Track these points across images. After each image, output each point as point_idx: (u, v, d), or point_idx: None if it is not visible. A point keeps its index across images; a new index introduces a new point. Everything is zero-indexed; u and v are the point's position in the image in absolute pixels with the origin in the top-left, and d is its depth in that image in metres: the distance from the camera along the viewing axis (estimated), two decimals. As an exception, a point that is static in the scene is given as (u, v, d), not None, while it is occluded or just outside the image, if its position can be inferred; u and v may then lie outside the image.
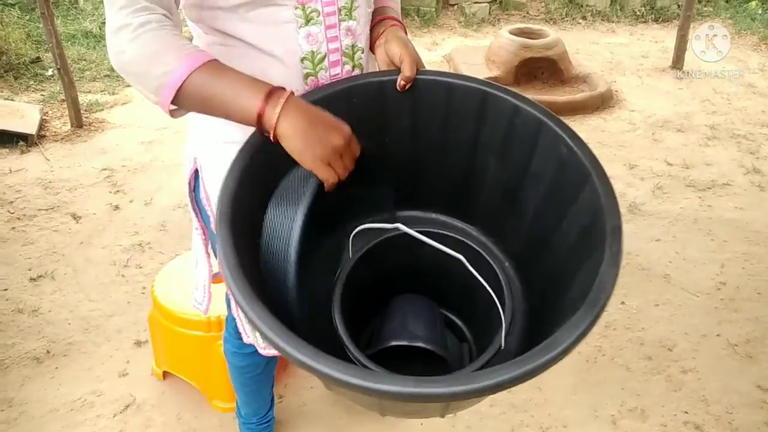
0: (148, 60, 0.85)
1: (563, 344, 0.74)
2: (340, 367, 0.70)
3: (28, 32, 4.48)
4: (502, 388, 0.73)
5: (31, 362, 1.96)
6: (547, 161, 1.00)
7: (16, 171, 3.04)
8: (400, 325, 1.00)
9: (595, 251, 0.86)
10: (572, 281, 0.92)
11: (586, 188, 0.93)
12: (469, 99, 1.03)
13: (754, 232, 2.64)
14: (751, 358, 2.00)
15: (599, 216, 0.89)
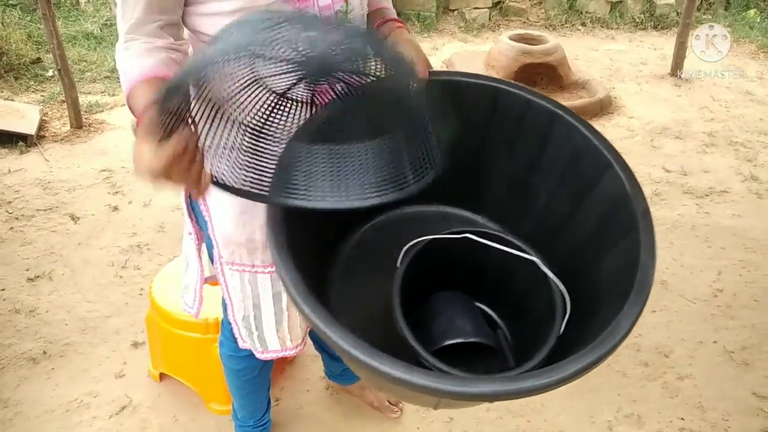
0: (121, 78, 0.93)
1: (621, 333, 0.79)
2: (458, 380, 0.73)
3: (29, 33, 4.48)
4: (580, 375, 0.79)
5: (27, 363, 1.96)
6: (561, 151, 1.02)
7: (15, 171, 3.04)
8: (450, 323, 1.01)
9: (624, 237, 0.89)
10: (599, 266, 0.95)
11: (606, 175, 0.96)
12: (481, 96, 1.05)
13: (751, 239, 2.65)
14: (747, 365, 2.01)
15: (625, 202, 0.92)
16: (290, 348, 1.27)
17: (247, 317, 1.23)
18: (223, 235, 1.13)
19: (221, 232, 1.13)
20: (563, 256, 1.03)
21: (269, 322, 1.23)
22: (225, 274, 1.19)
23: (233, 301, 1.22)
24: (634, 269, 0.85)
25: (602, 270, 0.95)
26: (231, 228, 1.11)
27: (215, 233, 1.14)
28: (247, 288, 1.19)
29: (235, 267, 1.17)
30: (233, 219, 1.10)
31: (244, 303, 1.21)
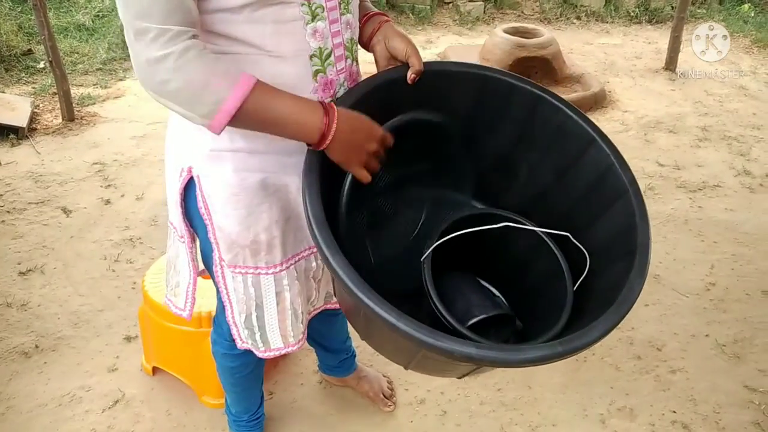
0: (198, 88, 0.88)
1: (636, 292, 0.90)
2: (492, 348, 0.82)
3: (20, 24, 4.44)
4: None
5: (19, 357, 1.95)
6: (544, 130, 1.10)
7: (6, 164, 3.02)
8: (468, 302, 1.09)
9: (614, 204, 0.98)
10: (590, 232, 1.04)
11: (590, 150, 1.04)
12: (469, 83, 1.11)
13: (743, 233, 2.66)
14: (738, 358, 2.02)
15: (611, 172, 1.00)
16: (293, 344, 1.27)
17: (249, 318, 1.22)
18: (227, 238, 1.11)
19: (225, 235, 1.11)
20: (551, 224, 1.10)
21: (272, 321, 1.22)
22: (225, 277, 1.18)
23: (233, 303, 1.21)
24: (630, 234, 0.94)
25: (594, 235, 1.04)
26: (236, 230, 1.10)
27: (217, 237, 1.12)
28: (250, 290, 1.18)
29: (238, 270, 1.15)
30: (239, 221, 1.09)
31: (247, 304, 1.20)
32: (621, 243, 0.96)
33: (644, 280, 0.90)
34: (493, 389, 1.87)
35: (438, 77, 1.10)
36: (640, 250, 0.92)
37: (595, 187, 1.04)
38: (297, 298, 1.22)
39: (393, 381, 1.87)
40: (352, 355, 1.78)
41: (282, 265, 1.16)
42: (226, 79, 0.88)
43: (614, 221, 1.00)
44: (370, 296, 0.81)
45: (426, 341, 0.78)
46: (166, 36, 0.86)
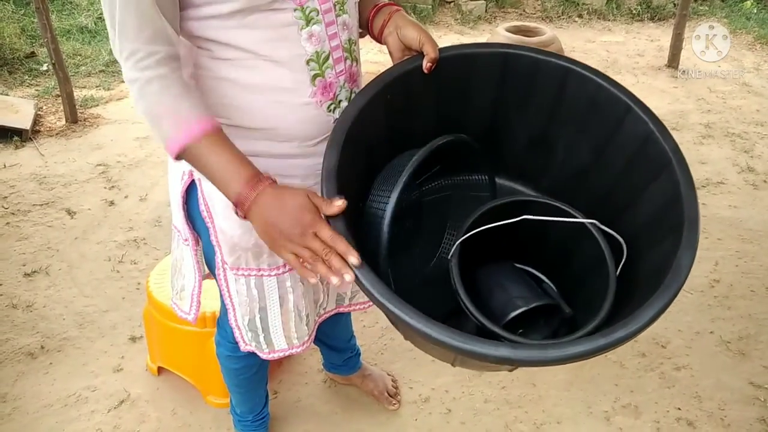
0: (152, 121, 0.91)
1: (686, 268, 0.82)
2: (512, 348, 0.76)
3: (23, 27, 4.45)
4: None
5: (25, 358, 1.96)
6: (576, 103, 1.03)
7: (10, 166, 3.03)
8: (506, 295, 1.03)
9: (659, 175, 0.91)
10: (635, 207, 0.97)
11: (627, 119, 0.97)
12: (490, 64, 1.06)
13: (747, 230, 2.65)
14: (743, 354, 2.02)
15: (652, 140, 0.93)
16: (297, 346, 1.27)
17: (253, 320, 1.22)
18: (230, 241, 1.11)
19: (227, 238, 1.11)
20: (592, 202, 1.04)
21: (276, 322, 1.22)
22: (228, 280, 1.18)
23: (236, 305, 1.21)
24: (676, 205, 0.87)
25: (638, 211, 0.97)
26: (238, 233, 1.09)
27: (219, 239, 1.12)
28: (253, 292, 1.18)
29: (241, 272, 1.15)
30: (240, 224, 1.08)
31: (250, 306, 1.19)
32: (668, 218, 0.88)
33: (694, 255, 0.82)
34: (498, 387, 1.87)
35: (456, 62, 1.05)
36: (689, 223, 0.84)
37: (636, 159, 0.98)
38: (301, 300, 1.21)
39: (397, 379, 1.87)
40: (356, 354, 1.78)
41: (285, 266, 1.16)
42: (176, 122, 0.89)
43: (659, 194, 0.92)
44: (394, 303, 0.78)
45: (458, 347, 0.75)
46: (137, 56, 0.88)
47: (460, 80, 1.08)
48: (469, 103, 1.10)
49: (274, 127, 0.99)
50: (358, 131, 0.95)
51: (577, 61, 1.04)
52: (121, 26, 0.87)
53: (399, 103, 1.04)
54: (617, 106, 0.99)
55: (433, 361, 1.95)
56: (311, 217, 0.85)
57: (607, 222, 1.00)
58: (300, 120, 1.02)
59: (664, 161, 0.91)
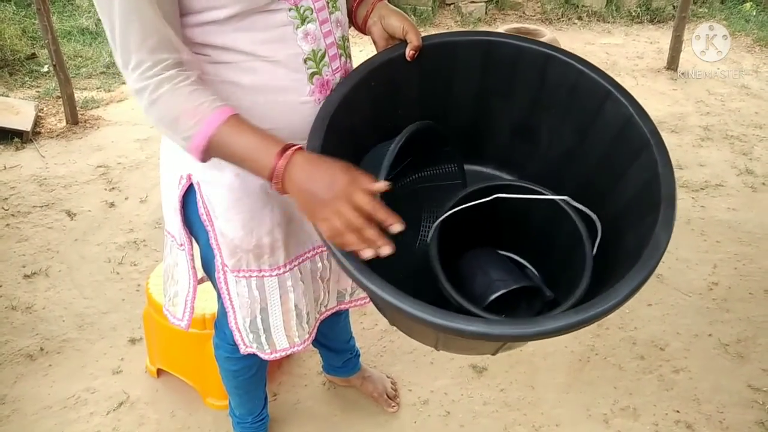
0: (170, 125, 0.90)
1: (662, 246, 0.84)
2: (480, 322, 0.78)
3: (24, 28, 4.46)
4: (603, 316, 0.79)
5: (24, 359, 1.96)
6: (558, 89, 1.05)
7: (10, 167, 3.03)
8: (487, 278, 1.04)
9: (638, 157, 0.93)
10: (616, 189, 0.99)
11: (607, 103, 0.99)
12: (472, 52, 1.07)
13: (746, 232, 2.66)
14: (742, 357, 2.02)
15: (631, 124, 0.95)
16: (298, 344, 1.27)
17: (254, 321, 1.22)
18: (230, 244, 1.11)
19: (227, 240, 1.11)
20: (576, 186, 1.05)
21: (277, 322, 1.22)
22: (228, 283, 1.18)
23: (236, 308, 1.21)
24: (654, 185, 0.89)
25: (620, 193, 0.99)
26: (239, 235, 1.10)
27: (219, 242, 1.12)
28: (254, 293, 1.18)
29: (242, 274, 1.15)
30: (242, 226, 1.09)
31: (251, 308, 1.20)
32: (647, 197, 0.90)
33: (671, 231, 0.84)
34: (497, 389, 1.88)
35: (439, 50, 1.07)
36: (665, 200, 0.86)
37: (616, 142, 1.00)
38: (302, 299, 1.22)
39: (397, 381, 1.87)
40: (356, 355, 1.79)
41: (285, 266, 1.17)
42: (194, 117, 0.88)
43: (639, 176, 0.94)
44: (372, 279, 0.79)
45: (435, 322, 0.76)
46: (143, 67, 0.87)
47: (443, 68, 1.09)
48: (453, 90, 1.11)
49: (276, 126, 1.00)
50: (341, 117, 0.96)
51: (558, 48, 1.06)
52: (123, 37, 0.86)
53: (383, 91, 1.05)
54: (598, 91, 1.00)
55: (432, 363, 1.95)
56: (347, 179, 0.83)
57: (591, 205, 1.02)
58: (300, 118, 1.03)
59: (643, 142, 0.94)
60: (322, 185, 0.83)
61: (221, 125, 0.88)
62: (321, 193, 0.83)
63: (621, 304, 0.79)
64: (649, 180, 0.90)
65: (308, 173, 0.84)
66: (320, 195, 0.83)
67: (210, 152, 0.90)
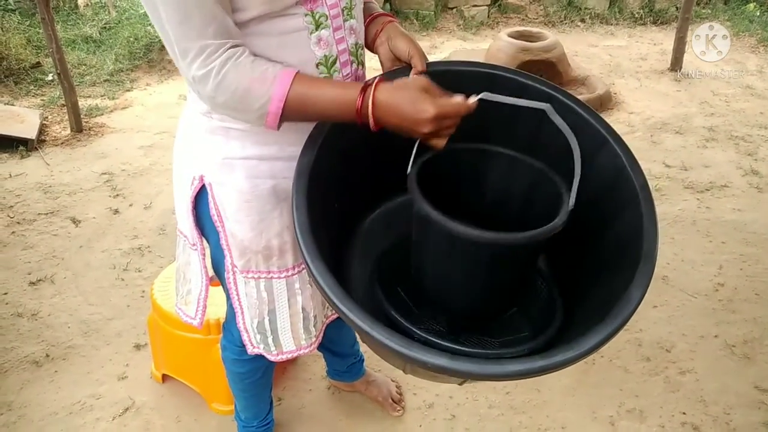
0: (242, 97, 0.91)
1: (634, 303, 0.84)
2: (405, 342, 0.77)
3: (29, 37, 4.49)
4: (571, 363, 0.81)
5: (30, 366, 1.97)
6: (557, 131, 1.04)
7: (16, 175, 3.05)
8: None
9: (625, 209, 0.94)
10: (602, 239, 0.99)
11: (602, 151, 1.00)
12: (476, 83, 1.06)
13: (752, 233, 2.64)
14: (748, 359, 2.01)
15: (623, 176, 0.96)
16: (305, 347, 1.28)
17: (262, 322, 1.23)
18: (240, 245, 1.12)
19: (237, 241, 1.12)
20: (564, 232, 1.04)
21: (284, 324, 1.23)
22: (237, 283, 1.19)
23: (245, 308, 1.22)
24: (638, 239, 0.89)
25: (605, 243, 0.99)
26: (249, 237, 1.11)
27: (229, 243, 1.13)
28: (262, 294, 1.19)
29: (251, 275, 1.16)
30: (252, 228, 1.10)
31: (259, 309, 1.20)
32: (629, 251, 0.91)
33: (644, 290, 0.84)
34: (502, 392, 1.87)
35: (443, 77, 1.05)
36: (645, 258, 0.86)
37: (607, 191, 1.01)
38: (309, 302, 1.22)
39: (401, 385, 1.87)
40: (360, 360, 1.78)
41: (294, 269, 1.17)
42: (264, 83, 0.91)
43: (624, 228, 0.95)
44: (345, 302, 0.81)
45: (400, 352, 0.77)
46: (205, 53, 0.89)
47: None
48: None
49: (285, 130, 1.01)
50: (336, 136, 0.99)
51: (560, 89, 1.07)
52: (183, 28, 0.88)
53: None
54: (595, 138, 1.01)
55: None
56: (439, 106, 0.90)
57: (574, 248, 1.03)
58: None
59: (632, 195, 0.95)
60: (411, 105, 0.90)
61: (293, 83, 0.91)
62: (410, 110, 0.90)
63: (586, 355, 0.81)
64: (634, 235, 0.91)
65: (396, 101, 0.91)
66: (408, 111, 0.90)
67: (287, 112, 0.93)
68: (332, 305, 0.83)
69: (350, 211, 1.14)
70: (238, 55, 0.91)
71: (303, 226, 0.89)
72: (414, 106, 0.90)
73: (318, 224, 0.91)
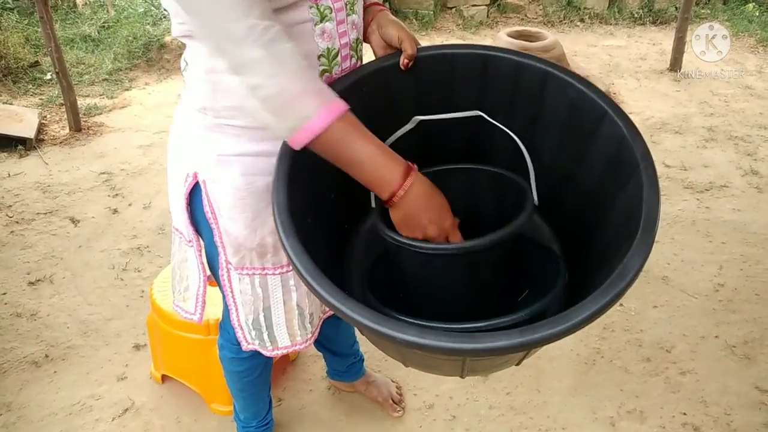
0: (289, 99, 0.84)
1: (632, 272, 0.77)
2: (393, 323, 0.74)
3: (27, 36, 4.48)
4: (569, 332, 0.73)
5: (29, 366, 1.96)
6: (557, 107, 1.03)
7: (14, 175, 3.04)
8: None
9: (630, 179, 0.91)
10: (609, 213, 0.96)
11: (604, 123, 0.98)
12: (471, 65, 1.06)
13: (752, 233, 2.64)
14: (749, 359, 2.01)
15: (624, 145, 0.94)
16: (300, 343, 1.27)
17: (257, 319, 1.22)
18: (234, 241, 1.12)
19: (232, 238, 1.12)
20: (574, 210, 1.04)
21: (279, 320, 1.23)
22: (232, 280, 1.18)
23: (239, 305, 1.21)
24: (639, 210, 0.85)
25: (612, 216, 0.96)
26: (243, 234, 1.10)
27: (223, 240, 1.13)
28: (257, 290, 1.18)
29: (245, 271, 1.16)
30: (246, 225, 1.10)
31: (254, 305, 1.20)
32: (632, 221, 0.87)
33: (644, 260, 0.78)
34: (502, 393, 1.87)
35: (436, 62, 1.06)
36: (645, 223, 0.82)
37: (611, 163, 0.98)
38: (304, 299, 1.22)
39: (402, 386, 1.87)
40: (360, 360, 1.78)
41: (288, 266, 1.17)
42: (319, 98, 0.85)
43: (628, 200, 0.92)
44: (323, 284, 0.78)
45: (371, 327, 0.73)
46: (256, 31, 0.82)
47: (440, 80, 1.08)
48: (452, 103, 1.10)
49: None
50: None
51: (557, 65, 1.05)
52: (230, 10, 0.81)
53: (376, 98, 1.05)
54: (595, 112, 0.99)
55: (437, 367, 1.94)
56: (450, 222, 0.93)
57: (581, 234, 1.02)
58: None
59: (634, 165, 0.92)
60: (432, 217, 0.91)
61: (344, 115, 0.86)
62: (427, 223, 0.91)
63: (573, 329, 0.73)
64: (636, 205, 0.88)
65: (425, 204, 0.91)
66: (425, 224, 0.91)
67: (319, 142, 0.86)
68: (301, 278, 0.80)
69: (353, 207, 1.13)
70: (292, 47, 0.85)
71: (281, 206, 0.86)
72: (444, 204, 0.93)
73: (303, 209, 0.89)
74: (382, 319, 0.74)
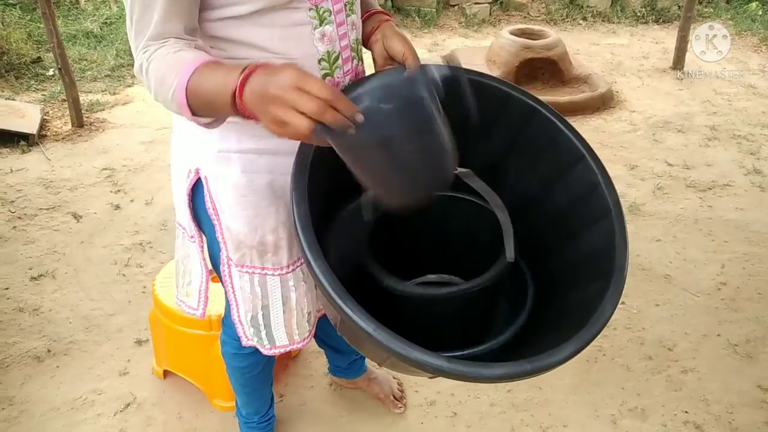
0: (159, 86, 0.88)
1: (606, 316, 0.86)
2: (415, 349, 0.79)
3: (29, 32, 4.48)
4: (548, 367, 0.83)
5: (31, 361, 1.97)
6: (535, 141, 1.09)
7: (17, 170, 3.04)
8: None
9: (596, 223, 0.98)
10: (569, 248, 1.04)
11: (578, 166, 1.04)
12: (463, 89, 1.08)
13: (754, 232, 2.64)
14: (751, 358, 2.00)
15: (597, 192, 1.00)
16: (298, 342, 1.28)
17: (255, 317, 1.23)
18: (235, 238, 1.12)
19: (233, 235, 1.12)
20: (527, 235, 1.09)
21: (278, 320, 1.23)
22: (232, 276, 1.19)
23: (239, 301, 1.22)
24: (609, 255, 0.93)
25: (573, 252, 1.04)
26: (244, 231, 1.11)
27: (224, 237, 1.14)
28: (256, 289, 1.19)
29: (245, 269, 1.16)
30: (246, 222, 1.10)
31: (253, 303, 1.21)
32: (599, 263, 0.95)
33: (617, 303, 0.88)
34: (504, 390, 1.87)
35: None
36: (617, 272, 0.91)
37: (579, 203, 1.05)
38: (303, 299, 1.22)
39: (403, 383, 1.87)
40: (361, 357, 1.78)
41: (288, 267, 1.17)
42: (174, 70, 0.85)
43: (594, 240, 1.00)
44: (344, 299, 0.81)
45: (397, 352, 0.78)
46: (150, 46, 0.89)
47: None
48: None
49: None
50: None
51: (544, 104, 1.09)
52: (141, 21, 0.88)
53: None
54: (572, 152, 1.05)
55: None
56: (299, 75, 0.76)
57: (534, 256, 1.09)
58: None
59: (605, 211, 0.98)
60: (275, 84, 0.76)
61: (193, 73, 0.83)
62: (271, 90, 0.76)
63: (563, 362, 0.82)
64: (605, 248, 0.95)
65: (264, 78, 0.78)
66: (270, 92, 0.76)
67: (192, 104, 0.85)
68: (334, 305, 0.82)
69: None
70: (170, 44, 0.88)
71: (303, 221, 0.87)
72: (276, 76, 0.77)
73: (319, 222, 0.91)
74: (414, 347, 0.79)
